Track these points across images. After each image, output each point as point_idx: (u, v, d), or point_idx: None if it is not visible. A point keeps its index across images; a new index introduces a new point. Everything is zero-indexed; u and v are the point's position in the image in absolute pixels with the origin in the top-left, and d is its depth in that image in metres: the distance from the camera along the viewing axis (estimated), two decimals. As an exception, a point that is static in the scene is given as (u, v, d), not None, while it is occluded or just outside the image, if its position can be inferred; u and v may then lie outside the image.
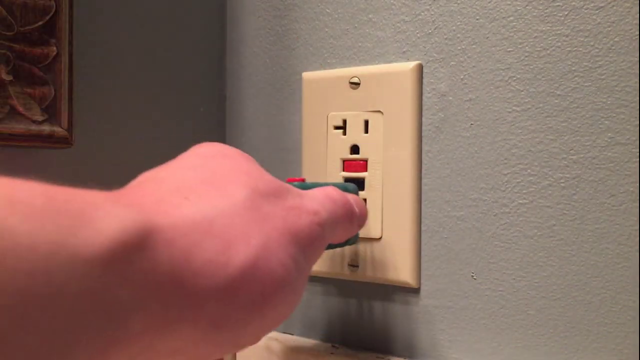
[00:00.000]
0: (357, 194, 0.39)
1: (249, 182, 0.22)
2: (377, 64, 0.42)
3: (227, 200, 0.20)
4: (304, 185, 0.34)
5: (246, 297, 0.19)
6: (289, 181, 0.34)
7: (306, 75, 0.45)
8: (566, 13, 0.35)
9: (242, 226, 0.19)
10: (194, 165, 0.22)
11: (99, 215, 0.14)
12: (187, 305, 0.17)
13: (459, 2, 0.39)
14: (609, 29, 0.34)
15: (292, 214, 0.22)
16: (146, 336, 0.16)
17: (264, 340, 0.45)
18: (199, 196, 0.19)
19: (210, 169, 0.22)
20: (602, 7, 0.34)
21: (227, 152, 0.25)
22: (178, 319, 0.17)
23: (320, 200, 0.26)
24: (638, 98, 0.33)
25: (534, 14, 0.36)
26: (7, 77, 0.35)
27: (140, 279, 0.15)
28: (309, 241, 0.23)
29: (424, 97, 0.40)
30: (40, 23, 0.36)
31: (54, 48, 0.36)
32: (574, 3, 0.35)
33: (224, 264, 0.18)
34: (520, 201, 0.37)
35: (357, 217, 0.30)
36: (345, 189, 0.38)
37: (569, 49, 0.35)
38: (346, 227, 0.29)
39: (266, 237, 0.20)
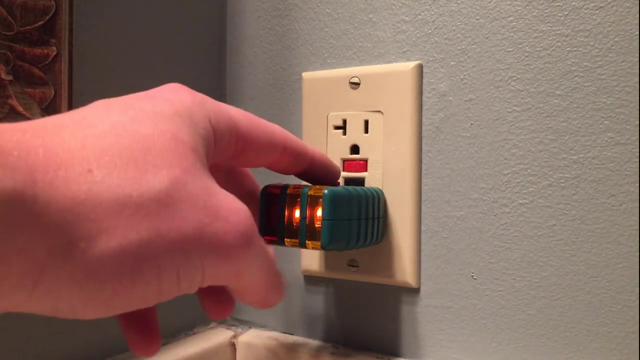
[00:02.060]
0: (379, 200, 0.38)
1: (176, 175, 0.19)
2: (377, 64, 0.42)
3: (136, 188, 0.18)
4: (346, 188, 0.34)
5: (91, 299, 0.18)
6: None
7: (306, 75, 0.45)
8: (566, 13, 0.35)
9: (130, 227, 0.18)
10: (129, 128, 0.20)
11: None
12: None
13: (459, 2, 0.39)
14: (609, 29, 0.34)
15: (214, 225, 0.20)
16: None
17: (264, 340, 0.45)
18: (107, 173, 0.18)
19: (142, 138, 0.19)
20: (602, 7, 0.34)
21: (180, 112, 0.22)
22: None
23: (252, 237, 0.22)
24: (638, 98, 0.33)
25: (534, 14, 0.36)
26: (7, 77, 0.35)
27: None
28: (215, 259, 0.20)
29: (424, 97, 0.40)
30: (40, 23, 0.36)
31: (54, 48, 0.36)
32: (574, 3, 0.35)
33: (86, 250, 0.17)
34: (520, 201, 0.37)
35: (272, 295, 0.26)
36: (373, 194, 0.37)
37: (569, 49, 0.35)
38: (263, 290, 0.24)
39: (154, 245, 0.18)
